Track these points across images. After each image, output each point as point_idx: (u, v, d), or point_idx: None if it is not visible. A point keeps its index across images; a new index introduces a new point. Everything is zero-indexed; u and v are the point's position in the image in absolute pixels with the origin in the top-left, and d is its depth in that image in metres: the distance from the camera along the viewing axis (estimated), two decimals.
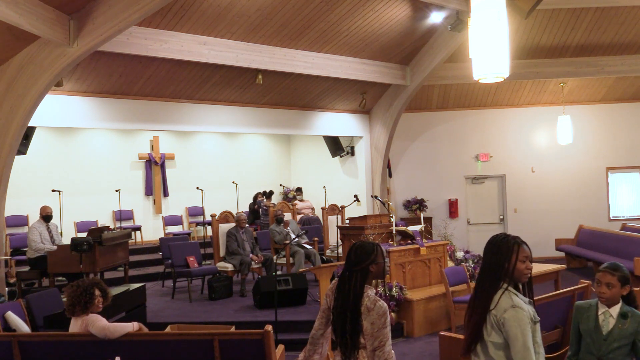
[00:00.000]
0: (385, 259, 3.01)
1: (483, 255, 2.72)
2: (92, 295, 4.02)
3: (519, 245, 2.71)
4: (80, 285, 4.05)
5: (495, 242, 2.69)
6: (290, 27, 8.53)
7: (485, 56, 5.12)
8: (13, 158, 6.88)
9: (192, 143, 12.79)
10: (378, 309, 2.78)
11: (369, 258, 2.89)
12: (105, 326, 3.94)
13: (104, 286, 4.18)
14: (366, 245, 2.96)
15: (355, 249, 2.95)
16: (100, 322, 3.97)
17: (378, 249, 2.94)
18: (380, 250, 2.95)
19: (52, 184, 10.17)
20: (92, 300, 4.01)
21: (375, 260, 2.90)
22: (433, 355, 5.96)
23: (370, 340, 2.77)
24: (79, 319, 4.00)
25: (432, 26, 9.60)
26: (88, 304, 3.99)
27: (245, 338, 3.93)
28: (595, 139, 12.39)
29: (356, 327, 2.79)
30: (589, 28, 10.06)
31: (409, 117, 12.34)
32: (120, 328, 3.98)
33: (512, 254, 2.66)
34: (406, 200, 12.46)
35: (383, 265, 2.93)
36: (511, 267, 2.65)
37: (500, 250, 2.65)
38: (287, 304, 7.27)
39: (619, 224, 11.70)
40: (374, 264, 2.89)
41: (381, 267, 2.92)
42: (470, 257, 8.09)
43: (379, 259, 2.91)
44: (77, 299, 3.98)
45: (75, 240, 7.34)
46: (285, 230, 9.40)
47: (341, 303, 2.87)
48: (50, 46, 6.34)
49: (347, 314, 2.81)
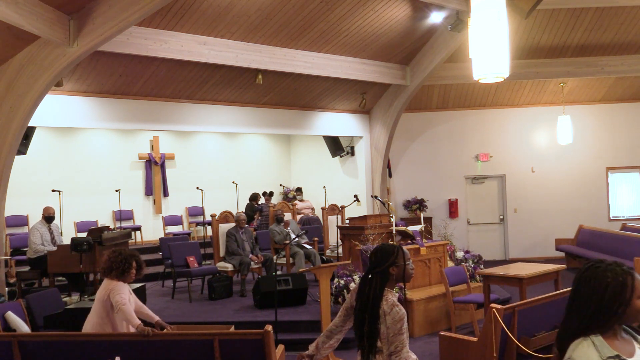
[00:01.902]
0: (408, 262, 2.89)
1: (577, 291, 1.98)
2: (130, 265, 4.34)
3: (634, 278, 1.95)
4: (121, 253, 4.39)
5: (598, 275, 1.94)
6: (290, 27, 8.53)
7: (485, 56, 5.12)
8: (13, 158, 6.88)
9: (192, 143, 12.78)
10: (394, 314, 2.74)
11: (388, 260, 2.83)
12: (121, 302, 4.16)
13: (141, 261, 4.48)
14: (387, 247, 2.90)
15: (376, 251, 2.90)
16: (120, 295, 4.18)
17: (399, 251, 2.87)
18: (402, 253, 2.87)
19: (52, 184, 10.17)
20: (129, 269, 4.33)
21: (395, 262, 2.83)
22: (433, 355, 5.96)
23: (387, 345, 2.75)
24: (111, 281, 4.29)
25: (432, 26, 9.60)
26: (125, 272, 4.31)
27: (245, 338, 3.93)
28: (595, 139, 12.39)
29: (373, 330, 2.76)
30: (589, 28, 10.06)
31: (409, 117, 12.34)
32: (130, 317, 4.14)
33: (626, 291, 1.89)
34: (406, 200, 12.46)
35: (404, 267, 2.86)
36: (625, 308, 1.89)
37: (609, 287, 1.90)
38: (287, 304, 7.27)
39: (619, 224, 11.70)
40: (394, 266, 2.83)
41: (402, 270, 2.85)
42: (470, 257, 8.09)
43: (399, 261, 2.84)
44: (116, 265, 4.31)
45: (75, 240, 7.33)
46: (286, 230, 9.40)
47: (360, 305, 2.84)
48: (50, 46, 6.34)
49: (365, 317, 2.78)
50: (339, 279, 6.90)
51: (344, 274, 6.96)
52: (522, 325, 4.68)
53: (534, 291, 6.75)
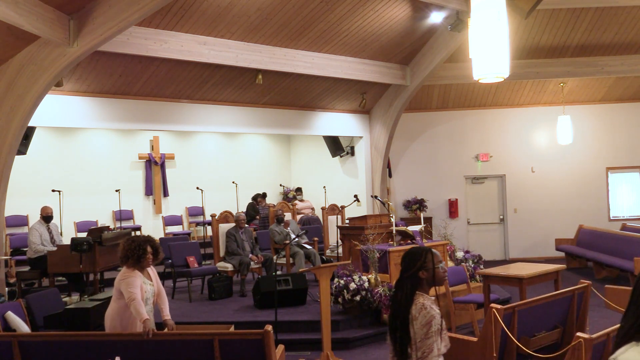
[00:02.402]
0: (439, 265, 2.82)
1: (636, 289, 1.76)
2: (145, 251, 4.38)
3: None
4: (135, 240, 4.45)
5: None
6: (290, 27, 8.53)
7: (485, 56, 5.12)
8: (13, 158, 6.88)
9: (192, 143, 12.78)
10: (422, 318, 2.70)
11: (416, 264, 2.79)
12: (130, 296, 4.19)
13: (156, 245, 4.52)
14: (415, 250, 2.86)
15: (405, 255, 2.86)
16: (130, 289, 4.22)
17: (428, 254, 2.82)
18: (431, 256, 2.81)
19: (52, 184, 10.17)
20: (144, 255, 4.38)
21: (424, 265, 2.78)
22: None
23: (415, 351, 2.68)
24: (126, 270, 4.37)
25: (432, 26, 9.60)
26: (140, 259, 4.37)
27: (245, 338, 3.93)
28: (595, 139, 12.39)
29: (404, 336, 2.70)
30: (589, 28, 10.06)
31: (409, 117, 12.34)
32: (137, 312, 4.16)
33: None
34: (406, 200, 12.46)
35: (434, 270, 2.79)
36: None
37: None
38: (287, 304, 7.27)
39: (619, 224, 11.70)
40: (424, 270, 2.78)
41: (432, 273, 2.79)
42: (470, 257, 8.09)
43: (427, 264, 2.79)
44: (131, 252, 4.38)
45: (75, 240, 7.33)
46: (286, 230, 9.40)
47: (393, 311, 2.82)
48: (50, 46, 6.34)
49: (397, 322, 2.75)
50: (339, 279, 6.90)
51: (344, 274, 6.96)
52: (522, 325, 4.68)
53: (534, 291, 6.75)
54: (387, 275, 7.09)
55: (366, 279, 6.85)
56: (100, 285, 8.01)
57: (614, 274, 9.82)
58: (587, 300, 5.33)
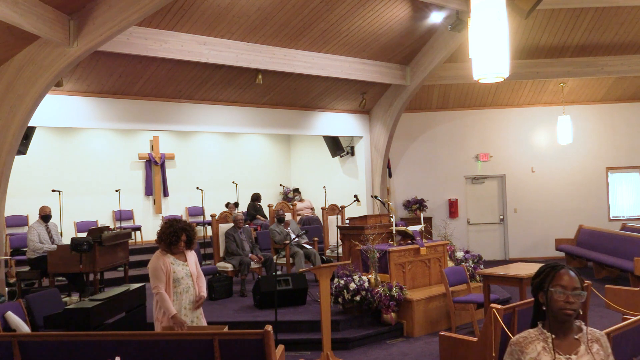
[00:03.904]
0: (558, 289, 2.06)
1: None
2: (178, 239, 4.46)
3: None
4: (172, 225, 4.50)
5: None
6: (290, 27, 8.53)
7: (485, 56, 5.12)
8: (13, 158, 6.88)
9: (192, 143, 12.78)
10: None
11: (533, 282, 2.19)
12: (156, 288, 4.35)
13: (192, 234, 4.58)
14: (541, 267, 2.20)
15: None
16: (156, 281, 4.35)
17: (551, 271, 2.12)
18: (554, 274, 2.09)
19: (52, 184, 10.17)
20: (177, 242, 4.46)
21: (541, 286, 2.12)
22: (433, 355, 5.96)
23: None
24: (157, 255, 4.47)
25: (432, 26, 9.60)
26: (172, 244, 4.45)
27: (245, 338, 3.93)
28: (595, 139, 12.39)
29: None
30: (589, 28, 10.06)
31: (409, 117, 12.34)
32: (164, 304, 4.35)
33: None
34: (406, 200, 12.46)
35: (547, 294, 2.08)
36: None
37: None
38: (287, 304, 7.27)
39: (619, 224, 11.70)
40: (542, 292, 2.11)
41: (553, 300, 2.06)
42: (470, 257, 8.09)
43: (545, 285, 2.09)
44: (165, 237, 4.47)
45: (75, 240, 7.33)
46: (286, 230, 9.40)
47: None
48: (50, 46, 6.34)
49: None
50: (339, 279, 6.90)
51: (344, 274, 6.96)
52: (522, 325, 4.67)
53: None
54: (387, 275, 7.09)
55: (366, 279, 6.85)
56: (100, 285, 8.01)
57: (614, 274, 9.82)
58: (587, 300, 5.33)
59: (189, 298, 4.52)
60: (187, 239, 4.53)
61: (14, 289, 7.84)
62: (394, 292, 6.72)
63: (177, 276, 4.47)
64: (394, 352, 6.20)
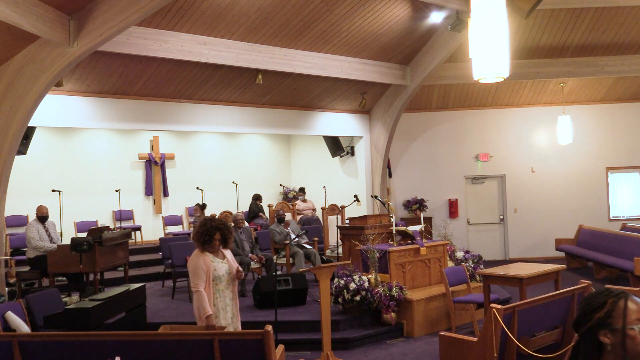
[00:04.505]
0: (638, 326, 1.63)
1: None
2: (211, 238, 4.44)
3: None
4: (206, 224, 4.50)
5: None
6: (290, 27, 8.53)
7: (485, 56, 5.11)
8: (13, 158, 6.88)
9: (192, 143, 12.78)
10: None
11: (593, 316, 1.70)
12: (194, 287, 4.36)
13: (226, 233, 4.52)
14: (595, 295, 1.75)
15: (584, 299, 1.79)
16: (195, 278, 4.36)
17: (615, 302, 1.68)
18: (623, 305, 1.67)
19: (52, 184, 10.17)
20: (210, 242, 4.45)
21: (605, 322, 1.67)
22: (433, 355, 5.96)
23: None
24: (196, 254, 4.47)
25: (432, 26, 9.60)
26: (206, 243, 4.45)
27: (245, 338, 3.93)
28: (595, 139, 12.39)
29: None
30: (589, 28, 10.06)
31: (409, 117, 12.34)
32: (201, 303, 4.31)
33: None
34: (406, 200, 12.46)
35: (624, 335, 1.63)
36: None
37: None
38: (287, 304, 7.27)
39: (619, 224, 11.70)
40: (607, 330, 1.66)
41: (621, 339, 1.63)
42: (470, 257, 8.09)
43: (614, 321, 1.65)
44: (199, 237, 4.47)
45: (75, 240, 7.33)
46: (286, 230, 9.40)
47: None
48: (50, 46, 6.34)
49: None
50: (339, 279, 6.90)
51: (344, 274, 6.96)
52: (522, 325, 4.68)
53: (534, 291, 6.75)
54: (387, 275, 7.09)
55: (366, 279, 6.85)
56: (100, 285, 8.01)
57: (614, 274, 9.82)
58: None
59: (229, 295, 4.56)
60: (221, 238, 4.50)
61: (14, 289, 7.84)
62: (394, 292, 6.72)
63: (217, 274, 4.49)
64: (394, 352, 6.20)
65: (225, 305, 4.53)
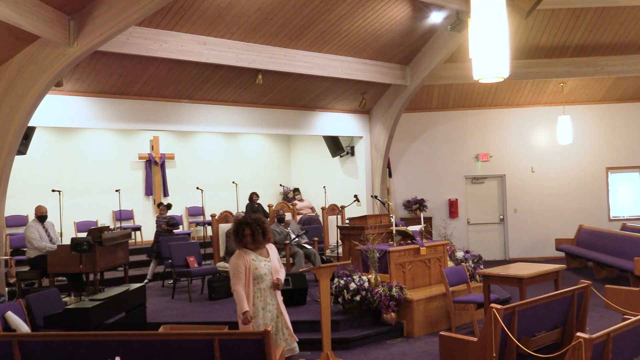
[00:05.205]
0: None
1: None
2: (242, 233, 4.54)
3: None
4: (237, 221, 4.65)
5: None
6: (290, 27, 8.54)
7: (485, 56, 5.12)
8: (13, 158, 6.88)
9: (192, 143, 12.78)
10: None
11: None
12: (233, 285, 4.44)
13: (254, 228, 4.56)
14: None
15: None
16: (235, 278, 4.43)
17: None
18: None
19: (52, 184, 10.17)
20: (242, 238, 4.55)
21: None
22: (433, 355, 5.96)
23: None
24: (236, 253, 4.56)
25: (432, 26, 9.60)
26: (239, 239, 4.56)
27: (246, 338, 3.93)
28: (595, 139, 12.39)
29: None
30: (589, 28, 10.07)
31: (409, 117, 12.34)
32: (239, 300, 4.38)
33: None
34: (406, 200, 12.46)
35: None
36: None
37: None
38: (287, 304, 7.16)
39: (619, 224, 11.70)
40: None
41: None
42: (470, 257, 8.09)
43: None
44: (234, 236, 4.61)
45: (75, 240, 7.33)
46: (286, 230, 9.40)
47: None
48: (50, 46, 6.34)
49: None
50: (339, 279, 6.90)
51: (344, 274, 6.96)
52: (522, 325, 4.68)
53: (534, 291, 6.75)
54: (387, 275, 7.09)
55: (366, 279, 6.85)
56: (100, 285, 8.01)
57: (614, 274, 9.82)
58: (587, 300, 5.33)
59: (272, 294, 4.59)
60: (250, 233, 4.53)
61: (14, 289, 7.84)
62: (394, 292, 6.72)
63: (259, 272, 4.51)
64: (394, 352, 6.20)
65: (265, 305, 4.55)
